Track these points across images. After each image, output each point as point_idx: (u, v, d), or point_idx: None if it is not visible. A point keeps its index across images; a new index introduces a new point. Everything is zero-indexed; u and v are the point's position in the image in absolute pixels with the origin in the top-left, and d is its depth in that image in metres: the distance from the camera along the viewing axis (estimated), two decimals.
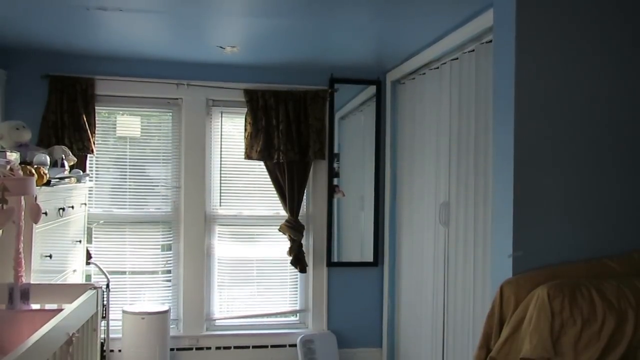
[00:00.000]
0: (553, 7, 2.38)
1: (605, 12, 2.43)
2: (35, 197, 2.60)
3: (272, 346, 4.43)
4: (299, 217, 4.38)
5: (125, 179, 4.38)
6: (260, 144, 4.26)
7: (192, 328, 4.36)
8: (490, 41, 2.78)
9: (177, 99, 4.32)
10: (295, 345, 4.36)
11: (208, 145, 4.38)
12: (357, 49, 3.86)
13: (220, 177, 4.46)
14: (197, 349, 4.35)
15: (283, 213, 4.38)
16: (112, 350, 4.03)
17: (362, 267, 4.55)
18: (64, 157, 3.56)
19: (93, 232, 4.25)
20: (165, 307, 4.10)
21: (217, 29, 3.50)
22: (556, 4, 2.38)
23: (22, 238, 2.68)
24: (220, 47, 3.78)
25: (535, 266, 2.31)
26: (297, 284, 4.59)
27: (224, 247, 4.48)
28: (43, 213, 2.74)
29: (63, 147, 3.75)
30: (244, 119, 4.31)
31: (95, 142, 4.13)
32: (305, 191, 4.43)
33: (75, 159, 3.80)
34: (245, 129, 4.30)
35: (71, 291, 2.72)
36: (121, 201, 4.38)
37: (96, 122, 4.15)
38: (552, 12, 2.37)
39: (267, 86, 4.31)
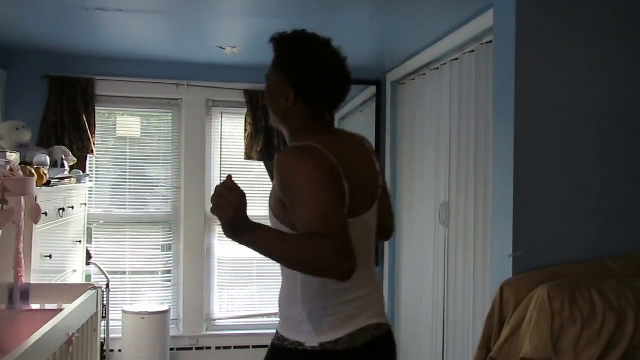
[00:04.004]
0: (553, 8, 2.38)
1: (605, 12, 2.43)
2: (35, 198, 2.60)
3: None
4: None
5: (125, 179, 4.38)
6: (260, 145, 4.26)
7: (192, 328, 4.36)
8: (491, 42, 2.78)
9: (177, 99, 4.32)
10: None
11: (208, 145, 4.38)
12: (357, 49, 3.84)
13: (221, 177, 4.45)
14: (197, 349, 4.35)
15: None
16: (112, 350, 4.02)
17: None
18: (64, 158, 3.56)
19: (93, 233, 4.25)
20: (165, 307, 4.10)
21: (217, 29, 3.50)
22: (556, 5, 2.38)
23: (22, 238, 2.69)
24: (221, 47, 3.78)
25: (535, 266, 2.31)
26: None
27: (224, 247, 4.48)
28: (43, 213, 2.74)
29: (63, 147, 3.75)
30: (244, 120, 4.31)
31: (95, 142, 4.13)
32: None
33: (75, 159, 3.80)
34: (245, 130, 4.30)
35: (71, 291, 2.73)
36: (121, 201, 4.38)
37: (96, 122, 4.16)
38: (552, 12, 2.38)
39: None
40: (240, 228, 1.37)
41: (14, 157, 2.88)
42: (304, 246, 1.34)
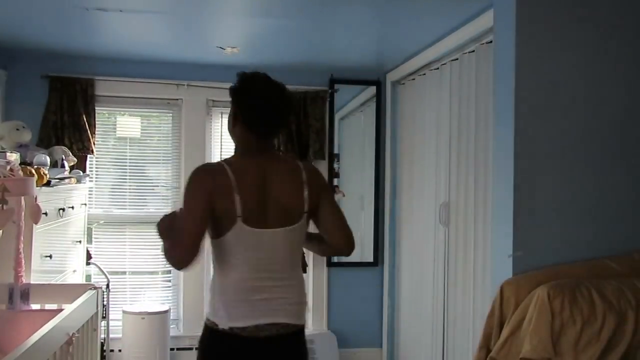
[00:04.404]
0: (553, 8, 2.37)
1: (605, 12, 2.43)
2: (36, 198, 2.60)
3: None
4: None
5: (125, 179, 4.38)
6: None
7: (192, 328, 4.34)
8: (491, 42, 2.78)
9: (177, 99, 4.32)
10: None
11: (208, 145, 4.38)
12: (357, 49, 3.86)
13: None
14: (197, 349, 4.34)
15: None
16: (112, 350, 4.02)
17: (362, 267, 4.55)
18: (64, 158, 3.56)
19: (93, 233, 4.25)
20: (165, 307, 4.10)
21: (217, 30, 3.50)
22: (556, 4, 2.38)
23: (22, 238, 2.69)
24: (221, 47, 3.78)
25: (535, 266, 2.31)
26: None
27: None
28: (43, 213, 2.74)
29: (63, 147, 3.75)
30: None
31: (95, 142, 4.13)
32: None
33: (75, 159, 3.80)
34: None
35: (71, 291, 2.73)
36: (121, 201, 4.38)
37: (96, 122, 4.15)
38: (552, 12, 2.37)
39: None
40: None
41: (14, 157, 2.88)
42: (165, 245, 1.87)
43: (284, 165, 1.97)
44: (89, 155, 4.12)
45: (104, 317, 3.71)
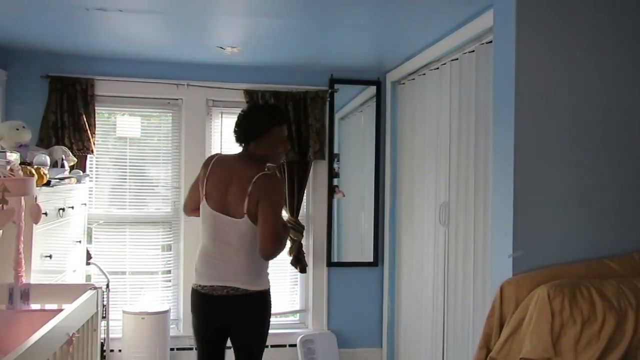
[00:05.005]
0: (553, 8, 2.38)
1: (605, 12, 2.43)
2: (36, 198, 2.60)
3: (272, 346, 4.42)
4: (299, 218, 4.38)
5: (125, 179, 4.38)
6: None
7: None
8: (491, 42, 2.78)
9: (177, 99, 4.32)
10: (295, 345, 4.36)
11: (208, 145, 4.38)
12: (357, 49, 3.86)
13: None
14: (197, 349, 4.33)
15: (283, 213, 4.37)
16: (112, 350, 4.02)
17: (362, 267, 4.55)
18: (64, 158, 3.56)
19: (93, 233, 4.25)
20: (165, 307, 4.10)
21: (217, 30, 3.50)
22: (556, 5, 2.38)
23: (22, 238, 2.69)
24: (221, 47, 3.78)
25: (535, 266, 2.31)
26: (297, 284, 4.59)
27: None
28: (43, 213, 2.74)
29: (63, 147, 3.75)
30: None
31: (95, 142, 4.13)
32: (305, 191, 4.43)
33: (75, 159, 3.80)
34: None
35: (71, 291, 2.72)
36: (121, 201, 4.38)
37: (96, 122, 4.15)
38: (552, 12, 2.38)
39: (267, 86, 4.31)
40: None
41: (14, 157, 2.88)
42: None
43: (245, 174, 2.48)
44: (89, 155, 4.11)
45: (104, 317, 3.71)
